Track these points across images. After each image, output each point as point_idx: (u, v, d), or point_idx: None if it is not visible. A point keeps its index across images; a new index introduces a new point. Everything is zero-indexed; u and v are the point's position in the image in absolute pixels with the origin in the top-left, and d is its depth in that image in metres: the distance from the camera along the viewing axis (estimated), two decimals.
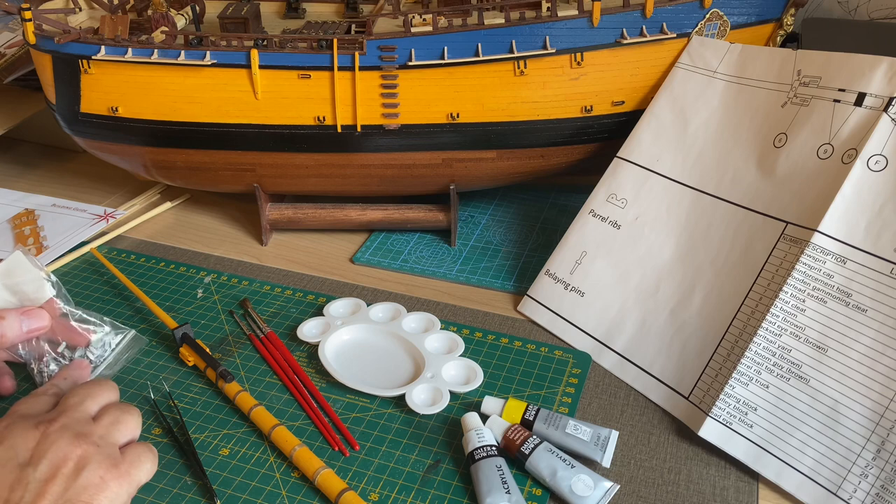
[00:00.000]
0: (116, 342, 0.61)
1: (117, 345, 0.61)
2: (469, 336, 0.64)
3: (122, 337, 0.61)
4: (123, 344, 0.61)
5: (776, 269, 0.55)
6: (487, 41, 0.66)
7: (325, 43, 0.67)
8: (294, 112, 0.69)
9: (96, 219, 0.81)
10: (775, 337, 0.53)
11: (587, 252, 0.66)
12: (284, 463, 0.53)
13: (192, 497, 0.51)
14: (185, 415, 0.57)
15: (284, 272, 0.74)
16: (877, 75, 0.54)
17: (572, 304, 0.65)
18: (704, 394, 0.55)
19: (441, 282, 0.72)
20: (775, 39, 0.70)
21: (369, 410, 0.57)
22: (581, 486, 0.49)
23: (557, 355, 0.62)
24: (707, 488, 0.51)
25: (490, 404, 0.55)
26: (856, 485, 0.48)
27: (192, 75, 0.69)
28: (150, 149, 0.74)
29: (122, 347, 0.61)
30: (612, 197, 0.66)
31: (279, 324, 0.66)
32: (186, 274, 0.74)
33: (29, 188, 0.90)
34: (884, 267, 0.51)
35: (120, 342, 0.61)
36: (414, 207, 0.77)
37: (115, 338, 0.61)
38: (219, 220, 0.84)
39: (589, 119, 0.69)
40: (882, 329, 0.50)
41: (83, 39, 0.70)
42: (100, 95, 0.71)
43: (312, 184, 0.75)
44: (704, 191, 0.61)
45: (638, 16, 0.66)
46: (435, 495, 0.50)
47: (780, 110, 0.59)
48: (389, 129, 0.69)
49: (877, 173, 0.52)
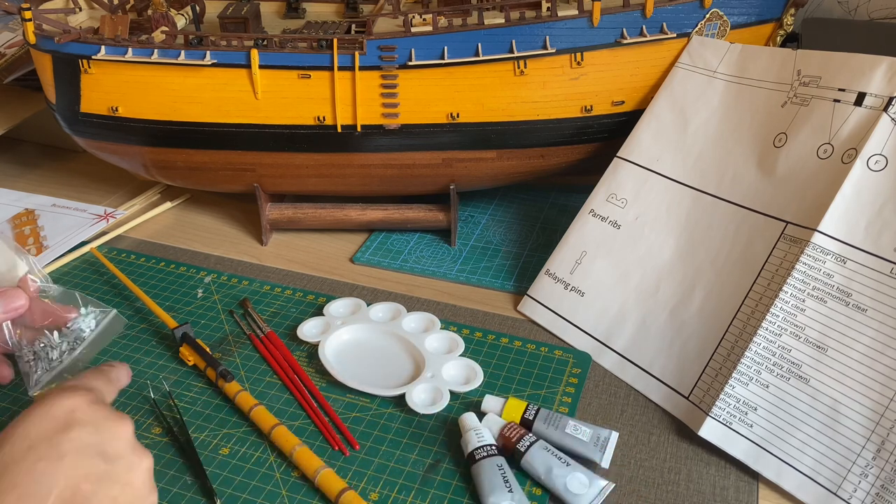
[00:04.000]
0: (97, 322, 0.59)
1: (97, 324, 0.59)
2: (469, 336, 0.64)
3: (102, 316, 0.59)
4: (105, 323, 0.59)
5: (776, 268, 0.55)
6: (487, 41, 0.66)
7: (325, 43, 0.67)
8: (294, 112, 0.69)
9: (96, 219, 0.81)
10: (775, 337, 0.53)
11: (587, 252, 0.66)
12: (284, 462, 0.53)
13: (192, 496, 0.51)
14: (185, 414, 0.57)
15: (284, 272, 0.74)
16: (877, 75, 0.54)
17: (572, 303, 0.65)
18: (704, 393, 0.55)
19: (441, 282, 0.72)
20: (775, 39, 0.70)
21: (369, 410, 0.57)
22: (576, 484, 0.49)
23: (557, 355, 0.62)
24: (707, 488, 0.51)
25: (490, 404, 0.55)
26: (856, 484, 0.48)
27: (192, 75, 0.69)
28: (150, 149, 0.74)
29: (103, 327, 0.59)
30: (612, 197, 0.66)
31: (279, 324, 0.66)
32: (186, 274, 0.74)
33: (29, 188, 0.90)
34: (884, 267, 0.51)
35: (100, 322, 0.59)
36: (414, 207, 0.77)
37: (96, 318, 0.59)
38: (219, 220, 0.84)
39: (589, 119, 0.69)
40: (882, 329, 0.50)
41: (83, 39, 0.70)
42: (100, 95, 0.71)
43: (312, 184, 0.75)
44: (704, 191, 0.62)
45: (638, 16, 0.66)
46: (435, 495, 0.50)
47: (780, 110, 0.59)
48: (389, 129, 0.69)
49: (877, 173, 0.52)
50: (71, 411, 0.41)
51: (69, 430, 0.40)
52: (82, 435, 0.40)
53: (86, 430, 0.41)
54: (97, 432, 0.41)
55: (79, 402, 0.42)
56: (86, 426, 0.41)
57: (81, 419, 0.41)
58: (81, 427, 0.41)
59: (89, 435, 0.41)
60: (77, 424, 0.41)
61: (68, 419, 0.41)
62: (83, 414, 0.41)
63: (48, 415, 0.41)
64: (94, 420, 0.41)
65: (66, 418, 0.41)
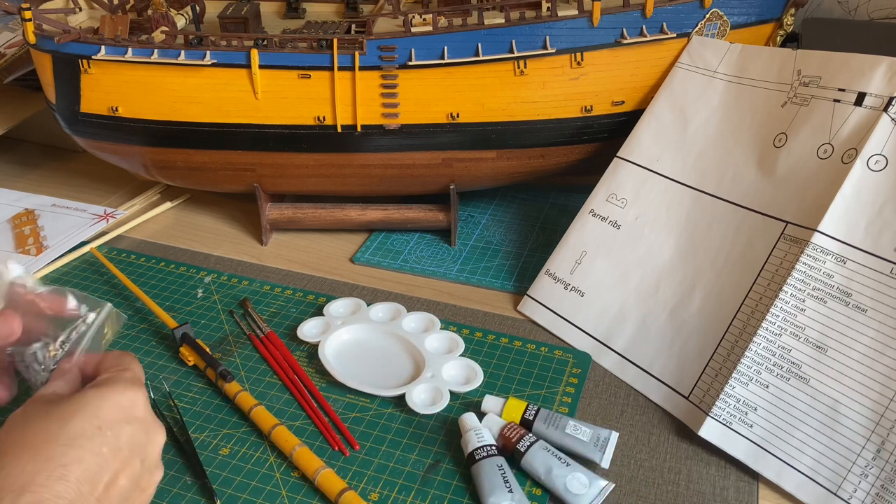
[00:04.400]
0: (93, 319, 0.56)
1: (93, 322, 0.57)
2: (469, 336, 0.64)
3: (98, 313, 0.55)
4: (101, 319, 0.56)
5: (776, 268, 0.55)
6: (487, 41, 0.66)
7: (325, 43, 0.67)
8: (294, 112, 0.69)
9: (96, 219, 0.81)
10: (775, 337, 0.53)
11: (587, 252, 0.66)
12: (284, 463, 0.53)
13: (192, 497, 0.51)
14: (185, 414, 0.57)
15: (284, 272, 0.74)
16: (877, 75, 0.54)
17: (572, 303, 0.65)
18: (704, 393, 0.55)
19: (441, 282, 0.72)
20: (775, 39, 0.70)
21: (369, 410, 0.57)
22: (576, 484, 0.49)
23: (557, 355, 0.62)
24: (707, 488, 0.51)
25: (490, 404, 0.55)
26: (856, 484, 0.48)
27: (192, 75, 0.69)
28: (150, 149, 0.74)
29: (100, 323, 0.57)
30: (612, 197, 0.66)
31: (279, 324, 0.66)
32: (186, 274, 0.74)
33: (29, 188, 0.90)
34: (884, 267, 0.51)
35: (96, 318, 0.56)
36: (414, 207, 0.77)
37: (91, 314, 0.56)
38: (219, 220, 0.84)
39: (589, 119, 0.69)
40: (882, 329, 0.50)
41: (83, 39, 0.70)
42: (100, 95, 0.71)
43: (312, 184, 0.75)
44: (704, 191, 0.62)
45: (638, 16, 0.66)
46: (435, 495, 0.50)
47: (780, 110, 0.59)
48: (389, 128, 0.69)
49: (877, 173, 0.52)
50: (133, 405, 0.43)
51: (130, 423, 0.42)
52: (137, 433, 0.42)
53: (141, 428, 0.42)
54: (146, 434, 0.43)
55: (139, 399, 0.43)
56: (140, 425, 0.43)
57: (139, 417, 0.43)
58: (139, 424, 0.42)
59: (142, 434, 0.42)
60: (136, 421, 0.42)
61: (130, 412, 0.42)
62: (140, 412, 0.43)
63: (117, 403, 0.42)
64: (146, 421, 0.43)
65: (130, 411, 0.42)
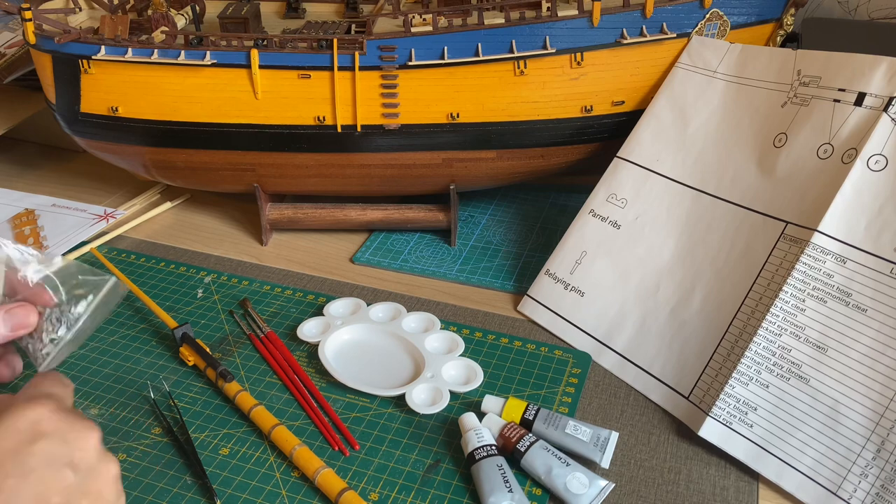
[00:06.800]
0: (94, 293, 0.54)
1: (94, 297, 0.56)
2: (469, 336, 0.64)
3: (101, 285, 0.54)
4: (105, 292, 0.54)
5: (776, 268, 0.55)
6: (487, 41, 0.66)
7: (325, 43, 0.67)
8: (294, 112, 0.69)
9: (96, 219, 0.81)
10: (775, 337, 0.53)
11: (587, 252, 0.66)
12: (284, 462, 0.53)
13: (192, 497, 0.51)
14: (185, 414, 0.57)
15: (284, 272, 0.74)
16: (877, 75, 0.54)
17: (572, 303, 0.65)
18: (704, 393, 0.55)
19: (441, 282, 0.72)
20: (775, 39, 0.70)
21: (369, 410, 0.57)
22: (576, 484, 0.49)
23: (557, 355, 0.62)
24: (707, 488, 0.51)
25: (490, 403, 0.55)
26: (856, 484, 0.48)
27: (192, 75, 0.69)
28: (150, 149, 0.74)
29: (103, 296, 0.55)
30: (612, 197, 0.66)
31: (279, 324, 0.66)
32: (186, 274, 0.74)
33: (29, 188, 0.90)
34: (884, 267, 0.51)
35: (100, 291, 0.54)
36: (414, 207, 0.77)
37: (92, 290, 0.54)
38: (219, 220, 0.84)
39: (589, 119, 0.69)
40: (882, 329, 0.50)
41: (83, 39, 0.70)
42: (100, 95, 0.71)
43: (312, 184, 0.75)
44: (704, 191, 0.62)
45: (638, 16, 0.66)
46: (435, 495, 0.50)
47: (780, 110, 0.59)
48: (389, 129, 0.69)
49: (877, 173, 0.52)
50: (36, 423, 0.39)
51: (35, 442, 0.38)
52: (49, 447, 0.39)
53: (53, 441, 0.39)
54: (64, 443, 0.39)
55: (42, 413, 0.40)
56: (52, 437, 0.39)
57: (47, 430, 0.39)
58: (48, 439, 0.39)
59: (57, 446, 0.39)
60: (43, 436, 0.39)
61: (33, 431, 0.39)
62: (48, 424, 0.39)
63: (12, 428, 0.39)
64: (59, 430, 0.40)
65: (32, 431, 0.39)
